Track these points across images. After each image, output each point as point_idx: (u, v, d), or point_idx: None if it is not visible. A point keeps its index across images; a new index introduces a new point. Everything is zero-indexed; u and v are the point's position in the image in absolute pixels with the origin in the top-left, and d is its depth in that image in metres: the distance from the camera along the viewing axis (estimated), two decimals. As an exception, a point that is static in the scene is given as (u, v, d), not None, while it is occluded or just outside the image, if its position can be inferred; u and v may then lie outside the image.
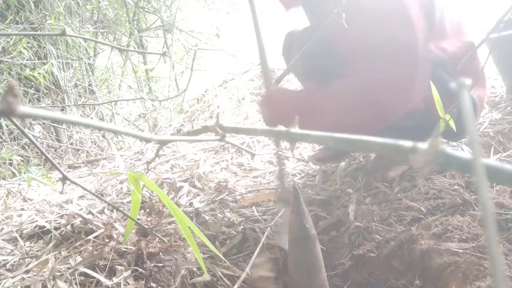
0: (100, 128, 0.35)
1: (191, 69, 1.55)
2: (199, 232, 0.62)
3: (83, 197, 1.62)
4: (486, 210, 0.20)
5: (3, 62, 2.25)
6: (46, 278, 1.03)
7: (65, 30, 0.68)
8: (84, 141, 2.79)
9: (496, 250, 0.19)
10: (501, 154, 1.28)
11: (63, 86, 2.69)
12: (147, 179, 0.61)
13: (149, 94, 3.59)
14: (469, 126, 0.22)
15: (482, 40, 0.96)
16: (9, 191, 1.79)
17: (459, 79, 0.23)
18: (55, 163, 0.62)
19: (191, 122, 2.99)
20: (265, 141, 2.05)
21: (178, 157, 2.01)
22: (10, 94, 0.26)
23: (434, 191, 1.15)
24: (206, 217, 1.30)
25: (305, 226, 0.84)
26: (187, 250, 1.13)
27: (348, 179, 1.41)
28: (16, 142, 2.37)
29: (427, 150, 0.24)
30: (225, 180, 1.57)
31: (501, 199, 1.02)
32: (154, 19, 3.57)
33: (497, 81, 1.86)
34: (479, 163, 0.21)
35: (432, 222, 1.03)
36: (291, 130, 0.36)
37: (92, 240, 1.19)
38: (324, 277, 0.89)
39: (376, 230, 1.09)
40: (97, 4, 3.07)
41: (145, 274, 1.01)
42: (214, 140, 0.40)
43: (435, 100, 0.85)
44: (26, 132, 0.58)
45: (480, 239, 0.93)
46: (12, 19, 2.32)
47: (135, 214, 0.71)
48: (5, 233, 1.34)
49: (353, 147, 0.31)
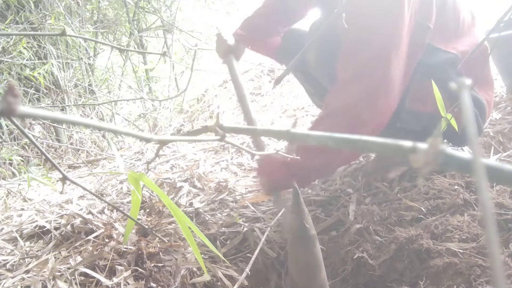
0: (100, 128, 0.35)
1: (191, 69, 1.55)
2: (199, 232, 0.62)
3: (83, 197, 1.62)
4: (486, 210, 0.20)
5: (3, 62, 2.25)
6: (46, 278, 1.03)
7: (65, 30, 0.68)
8: (84, 141, 2.79)
9: (496, 250, 0.19)
10: (501, 154, 1.28)
11: (63, 86, 2.69)
12: (147, 179, 0.61)
13: (149, 94, 3.59)
14: (469, 126, 0.22)
15: (482, 40, 0.96)
16: (9, 191, 1.79)
17: (460, 80, 0.23)
18: (55, 163, 0.62)
19: (191, 122, 2.99)
20: (265, 141, 2.05)
21: (178, 157, 2.01)
22: (10, 94, 0.26)
23: (434, 191, 1.15)
24: (206, 217, 1.30)
25: (305, 226, 0.84)
26: (187, 250, 1.13)
27: (348, 179, 1.41)
28: (16, 142, 2.36)
29: (427, 150, 0.23)
30: (225, 180, 1.57)
31: (501, 199, 1.02)
32: (154, 19, 3.57)
33: (497, 81, 1.86)
34: (479, 163, 0.21)
35: (432, 222, 1.03)
36: (291, 130, 0.36)
37: (92, 240, 1.19)
38: (324, 277, 0.89)
39: (376, 230, 1.09)
40: (97, 4, 3.07)
41: (145, 274, 1.01)
42: (214, 140, 0.40)
43: (437, 100, 0.84)
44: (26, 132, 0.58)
45: (480, 239, 0.93)
46: (12, 19, 2.32)
47: (135, 214, 0.71)
48: (5, 233, 1.34)
49: (353, 147, 0.31)
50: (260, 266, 1.13)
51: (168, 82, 3.74)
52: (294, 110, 2.48)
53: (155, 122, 3.24)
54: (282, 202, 1.16)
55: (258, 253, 1.06)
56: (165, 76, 3.77)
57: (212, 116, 2.92)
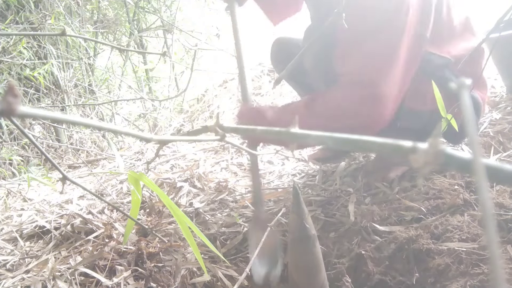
0: (100, 128, 0.35)
1: (191, 69, 1.55)
2: (199, 232, 0.62)
3: (83, 197, 1.62)
4: (486, 210, 0.20)
5: (3, 62, 2.25)
6: (46, 278, 1.03)
7: (65, 30, 0.68)
8: (84, 141, 2.79)
9: (496, 250, 0.19)
10: (501, 154, 1.28)
11: (63, 86, 2.69)
12: (147, 179, 0.61)
13: (149, 94, 3.59)
14: (470, 126, 0.22)
15: (482, 40, 0.96)
16: (9, 191, 1.79)
17: (460, 80, 0.23)
18: (55, 163, 0.62)
19: (191, 122, 2.99)
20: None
21: (178, 157, 2.01)
22: (10, 94, 0.26)
23: (434, 191, 1.15)
24: (206, 217, 1.30)
25: (305, 226, 0.84)
26: (187, 250, 1.13)
27: (348, 179, 1.41)
28: (16, 142, 2.36)
29: (427, 150, 0.23)
30: (225, 180, 1.57)
31: (501, 199, 1.02)
32: (154, 19, 3.57)
33: (497, 81, 1.86)
34: (479, 163, 0.21)
35: (432, 222, 1.03)
36: (291, 130, 0.36)
37: (92, 240, 1.19)
38: (324, 277, 0.89)
39: (376, 231, 1.09)
40: (97, 4, 3.07)
41: (145, 274, 1.01)
42: (214, 140, 0.40)
43: (437, 100, 0.85)
44: (26, 132, 0.58)
45: (480, 239, 0.93)
46: (12, 19, 2.32)
47: (135, 214, 0.71)
48: (5, 233, 1.34)
49: (353, 147, 0.31)
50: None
51: (168, 82, 3.74)
52: (294, 110, 2.48)
53: (155, 122, 3.24)
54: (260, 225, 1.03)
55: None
56: (165, 76, 3.78)
57: (212, 116, 2.92)
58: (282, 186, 1.48)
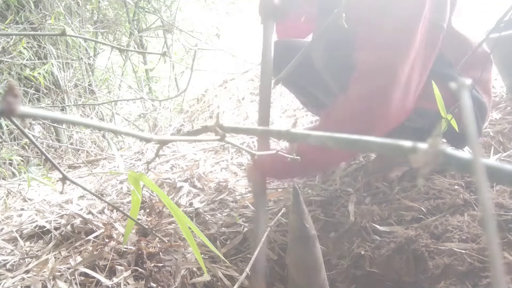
0: (100, 128, 0.35)
1: (191, 69, 1.55)
2: (199, 232, 0.62)
3: (83, 197, 1.62)
4: (486, 210, 0.20)
5: (3, 62, 2.25)
6: (46, 278, 1.03)
7: (65, 30, 0.68)
8: (84, 141, 2.80)
9: (496, 250, 0.19)
10: (501, 154, 1.28)
11: (63, 86, 2.69)
12: (147, 179, 0.61)
13: (149, 94, 3.59)
14: (469, 126, 0.22)
15: (482, 40, 0.96)
16: (9, 191, 1.79)
17: (460, 80, 0.23)
18: (55, 163, 0.62)
19: (191, 122, 2.99)
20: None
21: (178, 157, 2.01)
22: (10, 94, 0.26)
23: (434, 191, 1.15)
24: (206, 217, 1.30)
25: (305, 226, 0.84)
26: (187, 250, 1.13)
27: (348, 179, 1.41)
28: (16, 142, 2.36)
29: (427, 150, 0.23)
30: (225, 180, 1.57)
31: (501, 199, 1.02)
32: (154, 19, 3.58)
33: (497, 81, 1.85)
34: (479, 163, 0.21)
35: (432, 222, 1.03)
36: (291, 130, 0.36)
37: (92, 240, 1.19)
38: (324, 277, 0.89)
39: (376, 231, 1.09)
40: (97, 4, 3.07)
41: (145, 274, 1.01)
42: (214, 140, 0.40)
43: (437, 99, 0.84)
44: (26, 132, 0.58)
45: (480, 239, 0.93)
46: (12, 19, 2.32)
47: (135, 214, 0.71)
48: (5, 233, 1.34)
49: (353, 147, 0.31)
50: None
51: (168, 82, 3.74)
52: (294, 110, 2.48)
53: (155, 122, 3.24)
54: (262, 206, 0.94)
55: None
56: (165, 76, 3.78)
57: (212, 116, 2.92)
58: (282, 186, 1.48)
